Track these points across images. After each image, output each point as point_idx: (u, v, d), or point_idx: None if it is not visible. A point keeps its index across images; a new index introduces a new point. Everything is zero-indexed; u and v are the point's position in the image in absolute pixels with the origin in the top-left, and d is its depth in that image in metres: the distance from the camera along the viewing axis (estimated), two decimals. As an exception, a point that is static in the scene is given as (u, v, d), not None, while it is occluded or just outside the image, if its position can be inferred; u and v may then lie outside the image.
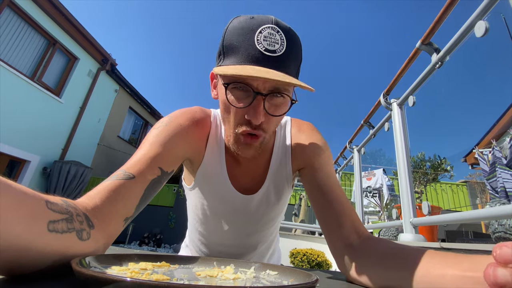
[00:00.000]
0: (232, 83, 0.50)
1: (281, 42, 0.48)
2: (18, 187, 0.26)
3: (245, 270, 0.41)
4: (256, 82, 0.48)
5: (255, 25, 0.48)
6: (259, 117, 0.49)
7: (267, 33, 0.48)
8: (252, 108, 0.49)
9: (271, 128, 0.55)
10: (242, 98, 0.51)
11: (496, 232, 1.59)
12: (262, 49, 0.47)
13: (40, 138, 6.55)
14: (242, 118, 0.52)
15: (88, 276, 0.23)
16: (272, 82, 0.48)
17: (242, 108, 0.51)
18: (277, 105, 0.52)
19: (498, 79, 40.27)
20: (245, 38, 0.48)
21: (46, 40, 6.60)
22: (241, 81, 0.49)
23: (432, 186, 7.01)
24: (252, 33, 0.48)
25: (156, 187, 0.53)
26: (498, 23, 1.63)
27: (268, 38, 0.48)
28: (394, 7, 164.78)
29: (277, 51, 0.48)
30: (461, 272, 0.31)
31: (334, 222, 0.56)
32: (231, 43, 0.50)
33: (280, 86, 0.49)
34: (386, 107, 2.07)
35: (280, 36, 0.49)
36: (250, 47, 0.47)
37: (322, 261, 3.25)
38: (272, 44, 0.47)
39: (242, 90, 0.50)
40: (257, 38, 0.47)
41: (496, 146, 2.95)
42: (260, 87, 0.49)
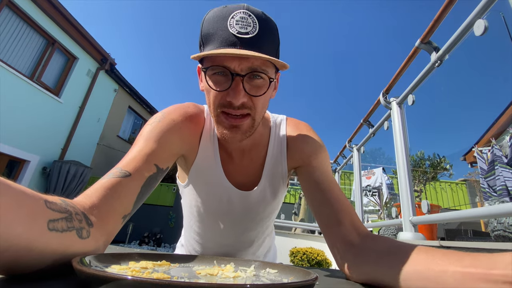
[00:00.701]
0: (210, 67, 0.51)
1: (253, 24, 0.50)
2: (17, 187, 0.27)
3: (245, 268, 0.41)
4: (233, 64, 0.49)
5: (228, 12, 0.50)
6: (239, 97, 0.50)
7: (239, 17, 0.50)
8: (231, 90, 0.51)
9: (258, 109, 0.55)
10: (222, 82, 0.52)
11: (495, 230, 1.59)
12: (234, 32, 0.49)
13: (40, 138, 6.54)
14: (223, 100, 0.53)
15: (89, 275, 0.23)
16: (247, 63, 0.50)
17: (223, 91, 0.52)
18: (257, 86, 0.53)
19: (498, 78, 40.30)
20: (219, 25, 0.50)
21: (45, 40, 6.59)
22: (218, 64, 0.50)
23: (432, 185, 7.02)
24: (225, 19, 0.50)
25: (153, 184, 0.53)
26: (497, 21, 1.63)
27: (240, 21, 0.49)
28: (394, 6, 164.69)
29: (249, 32, 0.49)
30: (462, 268, 0.30)
31: (333, 220, 0.56)
32: (208, 31, 0.51)
33: (256, 66, 0.50)
34: (385, 106, 2.07)
35: (252, 19, 0.50)
36: (224, 32, 0.49)
37: (322, 259, 3.26)
38: (244, 27, 0.49)
39: (221, 75, 0.52)
40: (230, 23, 0.49)
41: (496, 144, 2.95)
42: (237, 68, 0.50)
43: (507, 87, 21.94)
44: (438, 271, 0.33)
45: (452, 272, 0.31)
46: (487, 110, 47.90)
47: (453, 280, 0.31)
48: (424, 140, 44.43)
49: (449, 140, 49.64)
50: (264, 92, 0.53)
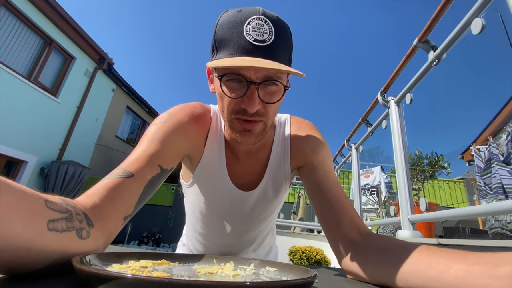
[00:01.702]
0: (225, 75, 0.51)
1: (269, 31, 0.49)
2: (17, 186, 0.26)
3: (245, 267, 0.41)
4: (249, 72, 0.49)
5: (243, 17, 0.50)
6: (254, 105, 0.50)
7: (255, 23, 0.49)
8: (246, 98, 0.50)
9: (270, 115, 0.55)
10: (237, 88, 0.52)
11: (493, 228, 1.60)
12: (251, 40, 0.48)
13: (37, 138, 6.51)
14: (237, 107, 0.53)
15: (89, 274, 0.23)
16: (263, 71, 0.50)
17: (237, 98, 0.52)
18: (271, 92, 0.53)
19: (495, 77, 40.46)
20: (235, 30, 0.49)
21: (42, 40, 6.55)
22: (233, 72, 0.50)
23: (430, 183, 7.05)
24: (241, 25, 0.49)
25: (156, 185, 0.53)
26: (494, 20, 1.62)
27: (256, 28, 0.49)
28: (392, 5, 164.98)
29: (266, 40, 0.49)
30: (466, 265, 0.30)
31: (334, 219, 0.56)
32: (222, 37, 0.51)
33: (272, 74, 0.50)
34: (383, 104, 2.08)
35: (268, 26, 0.50)
36: (240, 39, 0.49)
37: (321, 258, 3.27)
38: (261, 34, 0.49)
39: (236, 81, 0.51)
40: (246, 30, 0.49)
41: (493, 143, 2.97)
42: (253, 77, 0.50)
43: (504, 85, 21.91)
44: (440, 269, 0.33)
45: (456, 270, 0.31)
46: (485, 108, 48.15)
47: (456, 277, 0.30)
48: (422, 138, 44.57)
49: (447, 139, 49.84)
50: (278, 99, 0.54)
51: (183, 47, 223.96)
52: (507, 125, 4.08)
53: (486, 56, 38.34)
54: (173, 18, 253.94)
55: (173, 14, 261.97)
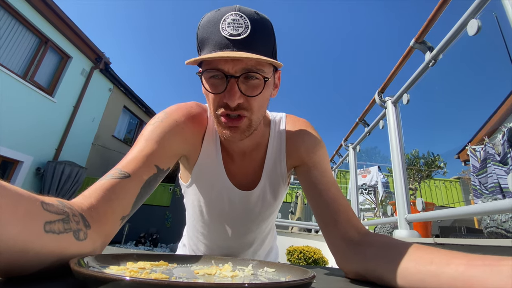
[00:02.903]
0: (205, 71, 0.52)
1: (245, 25, 0.50)
2: (13, 189, 0.26)
3: (243, 268, 0.41)
4: (226, 66, 0.50)
5: (220, 15, 0.51)
6: (235, 99, 0.51)
7: (231, 19, 0.50)
8: (227, 92, 0.51)
9: (254, 109, 0.55)
10: (218, 84, 0.53)
11: (488, 227, 1.62)
12: (226, 35, 0.49)
13: (33, 138, 6.45)
14: (220, 102, 0.53)
15: (87, 276, 0.23)
16: (241, 64, 0.50)
17: (219, 94, 0.52)
18: (253, 86, 0.53)
19: (491, 77, 40.84)
20: (212, 29, 0.51)
21: (38, 39, 6.49)
22: (212, 68, 0.51)
23: (426, 183, 7.10)
24: (217, 23, 0.50)
25: (152, 185, 0.52)
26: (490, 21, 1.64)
27: (231, 23, 0.50)
28: (390, 6, 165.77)
29: (241, 34, 0.49)
30: (467, 261, 0.30)
31: (331, 219, 0.56)
32: (202, 36, 0.52)
33: (250, 67, 0.51)
34: (380, 105, 2.08)
35: (244, 20, 0.50)
36: (217, 36, 0.50)
37: (318, 258, 3.28)
38: (236, 28, 0.49)
39: (217, 78, 0.52)
40: (222, 26, 0.50)
41: (489, 142, 2.99)
42: (231, 70, 0.50)
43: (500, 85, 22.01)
44: (441, 263, 0.33)
45: (456, 264, 0.31)
46: (481, 108, 48.52)
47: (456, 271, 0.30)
48: (419, 138, 44.82)
49: (443, 139, 50.21)
50: (260, 92, 0.53)
51: (180, 46, 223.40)
52: (502, 125, 4.12)
53: (482, 57, 38.63)
54: (170, 17, 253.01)
55: (170, 13, 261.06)
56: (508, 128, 2.86)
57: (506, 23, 1.06)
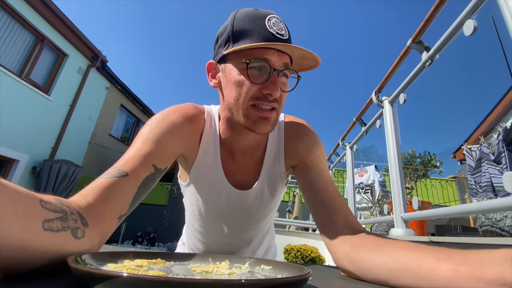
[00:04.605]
0: (252, 59, 0.53)
1: (285, 29, 0.55)
2: (12, 186, 0.26)
3: (240, 265, 0.42)
4: (273, 58, 0.53)
5: (263, 14, 0.55)
6: (278, 90, 0.54)
7: (274, 21, 0.55)
8: (270, 83, 0.53)
9: (281, 105, 0.59)
10: (258, 75, 0.54)
11: (483, 225, 1.63)
12: (274, 32, 0.53)
13: (29, 137, 6.40)
14: (258, 93, 0.55)
15: (85, 273, 0.23)
16: (284, 59, 0.54)
17: (259, 84, 0.54)
18: (286, 82, 0.58)
19: (487, 77, 41.18)
20: (257, 23, 0.54)
21: (34, 36, 6.43)
22: (259, 57, 0.53)
23: (422, 182, 7.14)
24: (263, 20, 0.54)
25: (150, 185, 0.53)
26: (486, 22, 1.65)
27: (275, 24, 0.54)
28: (387, 5, 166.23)
29: (284, 35, 0.54)
30: (453, 266, 0.32)
31: (329, 217, 0.57)
32: (243, 28, 0.54)
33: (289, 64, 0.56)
34: (377, 104, 2.09)
35: (283, 25, 0.56)
36: (264, 30, 0.53)
37: (315, 256, 3.30)
38: (280, 29, 0.54)
39: (259, 69, 0.54)
40: (268, 24, 0.53)
41: (484, 142, 3.02)
42: (276, 63, 0.54)
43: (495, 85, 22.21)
44: (429, 268, 0.34)
45: (444, 270, 0.32)
46: (477, 108, 48.96)
47: (445, 277, 0.32)
48: (415, 138, 45.10)
49: (439, 138, 50.55)
50: (291, 89, 0.58)
51: (178, 45, 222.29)
52: (498, 124, 4.16)
53: (478, 57, 38.95)
54: (168, 16, 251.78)
55: (168, 12, 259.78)
56: (503, 127, 2.89)
57: (502, 24, 1.07)
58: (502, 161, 2.73)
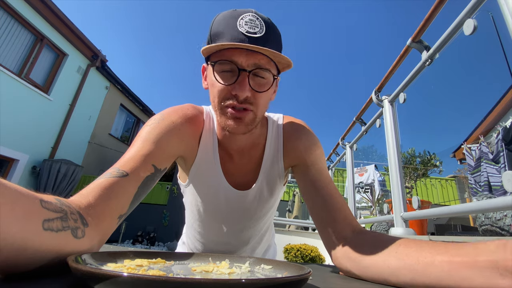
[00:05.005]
0: (218, 61, 0.53)
1: (260, 26, 0.53)
2: (12, 186, 0.26)
3: (240, 265, 0.42)
4: (240, 59, 0.52)
5: (238, 14, 0.53)
6: (245, 91, 0.53)
7: (248, 19, 0.53)
8: (237, 84, 0.53)
9: (259, 105, 0.57)
10: (229, 77, 0.54)
11: (483, 225, 1.64)
12: (243, 31, 0.51)
13: (29, 136, 6.39)
14: (228, 94, 0.55)
15: (86, 273, 0.23)
16: (254, 59, 0.53)
17: (228, 86, 0.54)
18: (261, 82, 0.55)
19: (487, 76, 41.17)
20: (229, 24, 0.53)
21: (33, 36, 6.42)
22: (226, 59, 0.53)
23: (422, 181, 7.15)
24: (235, 20, 0.53)
25: (150, 185, 0.53)
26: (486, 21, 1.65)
27: (248, 23, 0.52)
28: (387, 5, 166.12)
29: (257, 33, 0.52)
30: (449, 257, 0.32)
31: (328, 217, 0.57)
32: (217, 30, 0.54)
33: (262, 64, 0.53)
34: (377, 104, 2.09)
35: (260, 22, 0.53)
36: (233, 30, 0.52)
37: (315, 256, 3.30)
38: (253, 27, 0.52)
39: (228, 72, 0.54)
40: (239, 23, 0.52)
41: (484, 141, 3.02)
42: (244, 64, 0.53)
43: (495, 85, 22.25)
44: (426, 262, 0.35)
45: (439, 262, 0.33)
46: (477, 108, 48.93)
47: (441, 270, 0.32)
48: (415, 137, 45.04)
49: (439, 137, 50.52)
50: (267, 89, 0.56)
51: (178, 44, 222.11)
52: (498, 124, 4.17)
53: (477, 57, 38.96)
54: (167, 15, 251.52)
55: (168, 11, 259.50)
56: (503, 127, 2.89)
57: (502, 23, 1.07)
58: (501, 160, 2.73)
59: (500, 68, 4.13)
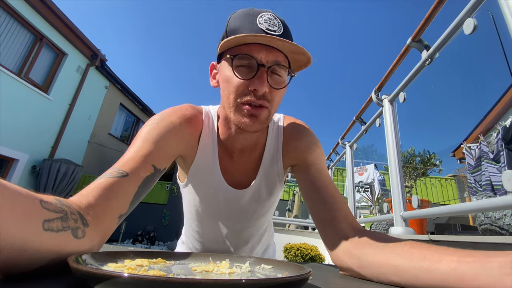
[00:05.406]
0: (238, 55, 0.53)
1: (279, 25, 0.53)
2: (12, 187, 0.26)
3: (240, 264, 0.42)
4: (260, 55, 0.52)
5: (256, 12, 0.54)
6: (264, 86, 0.52)
7: (267, 17, 0.53)
8: (257, 79, 0.53)
9: (274, 103, 0.57)
10: (247, 72, 0.54)
11: (483, 224, 1.64)
12: (263, 28, 0.52)
13: (29, 136, 6.39)
14: (245, 89, 0.54)
15: (86, 273, 0.23)
16: (273, 56, 0.53)
17: (247, 80, 0.53)
18: (278, 79, 0.56)
19: (486, 76, 41.18)
20: (248, 21, 0.53)
21: (33, 35, 6.41)
22: (246, 53, 0.52)
23: (422, 181, 7.15)
24: (254, 17, 0.53)
25: (149, 184, 0.53)
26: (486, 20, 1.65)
27: (268, 21, 0.53)
28: (387, 4, 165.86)
29: (276, 31, 0.52)
30: (458, 257, 0.31)
31: (328, 216, 0.57)
32: (234, 26, 0.54)
33: (280, 61, 0.53)
34: (377, 103, 2.09)
35: (278, 22, 0.54)
36: (253, 26, 0.52)
37: (315, 255, 3.30)
38: (272, 25, 0.53)
39: (245, 66, 0.54)
40: (259, 20, 0.52)
41: (483, 141, 3.03)
42: (263, 60, 0.52)
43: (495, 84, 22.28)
44: (433, 260, 0.34)
45: (448, 261, 0.32)
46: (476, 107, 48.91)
47: (448, 267, 0.31)
48: (415, 136, 45.03)
49: (439, 137, 50.53)
50: (284, 86, 0.57)
51: (178, 44, 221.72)
52: (498, 123, 4.17)
53: (477, 56, 38.93)
54: (168, 14, 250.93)
55: (168, 10, 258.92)
56: (503, 126, 2.89)
57: (502, 22, 1.07)
58: (501, 160, 2.74)
59: (500, 67, 4.12)
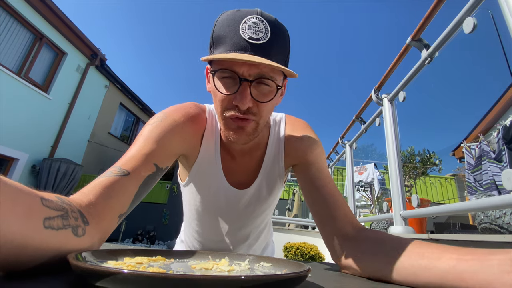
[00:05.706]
0: (219, 70, 0.51)
1: (265, 31, 0.50)
2: (13, 184, 0.26)
3: (240, 262, 0.42)
4: (241, 69, 0.50)
5: (241, 16, 0.50)
6: (245, 102, 0.51)
7: (252, 22, 0.50)
8: (238, 94, 0.51)
9: (263, 114, 0.55)
10: (230, 85, 0.52)
11: (482, 223, 1.64)
12: (246, 37, 0.49)
13: (28, 136, 6.39)
14: (229, 104, 0.53)
15: (86, 270, 0.23)
16: (256, 69, 0.50)
17: (230, 95, 0.52)
18: (264, 93, 0.53)
19: (486, 75, 41.15)
20: (231, 28, 0.50)
21: (33, 35, 6.40)
22: (227, 68, 0.50)
23: (422, 180, 7.16)
24: (238, 23, 0.50)
25: (151, 183, 0.53)
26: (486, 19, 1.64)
27: (252, 27, 0.49)
28: (387, 3, 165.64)
29: (260, 39, 0.49)
30: (458, 255, 0.31)
31: (328, 215, 0.57)
32: (219, 34, 0.52)
33: (264, 73, 0.51)
34: (377, 102, 2.09)
35: (265, 25, 0.50)
36: (235, 36, 0.49)
37: (315, 254, 3.31)
38: (256, 32, 0.49)
39: (229, 78, 0.52)
40: (242, 28, 0.49)
41: (484, 140, 3.03)
42: (246, 74, 0.50)
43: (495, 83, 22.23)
44: (433, 257, 0.34)
45: (447, 258, 0.32)
46: (476, 106, 48.92)
47: (447, 265, 0.31)
48: (415, 136, 45.03)
49: (438, 136, 50.52)
50: (271, 99, 0.54)
51: (178, 43, 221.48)
52: (498, 122, 4.17)
53: (477, 55, 38.89)
54: (167, 14, 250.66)
55: (168, 10, 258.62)
56: (503, 125, 2.89)
57: (502, 21, 1.07)
58: (503, 159, 2.74)
59: (500, 66, 4.13)
